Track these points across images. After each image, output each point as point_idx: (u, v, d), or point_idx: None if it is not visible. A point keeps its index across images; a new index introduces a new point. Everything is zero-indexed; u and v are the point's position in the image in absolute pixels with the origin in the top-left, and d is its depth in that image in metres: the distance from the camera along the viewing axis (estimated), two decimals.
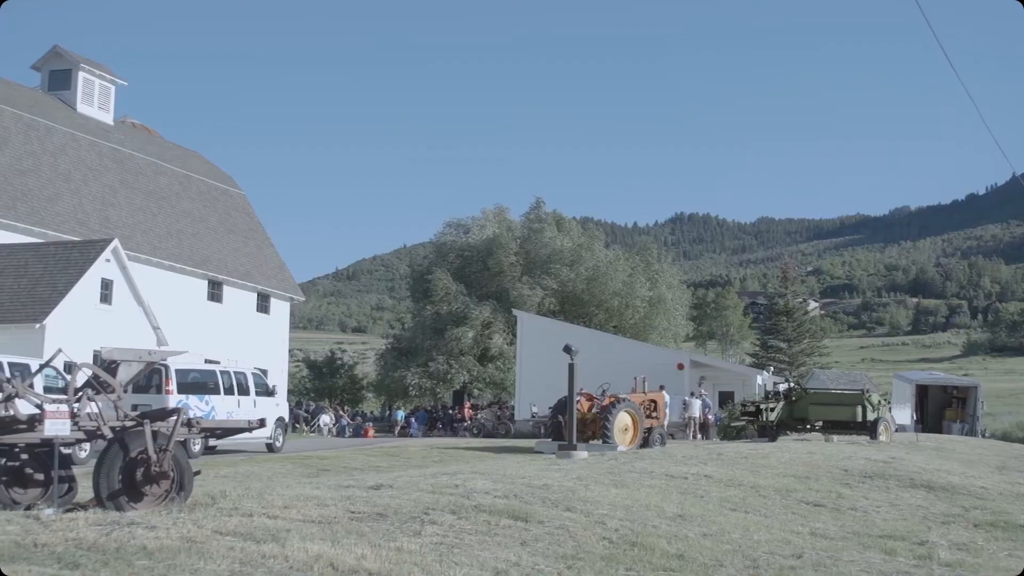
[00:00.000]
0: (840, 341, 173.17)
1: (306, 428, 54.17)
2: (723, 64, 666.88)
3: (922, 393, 54.24)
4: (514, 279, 63.38)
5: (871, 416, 34.06)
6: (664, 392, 36.24)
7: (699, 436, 40.31)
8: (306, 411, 60.01)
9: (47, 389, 21.44)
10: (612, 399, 31.68)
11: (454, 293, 63.23)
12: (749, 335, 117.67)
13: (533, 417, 44.73)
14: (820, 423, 35.07)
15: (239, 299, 49.42)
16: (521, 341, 50.80)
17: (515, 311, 55.01)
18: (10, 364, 22.48)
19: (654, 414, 33.27)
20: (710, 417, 42.27)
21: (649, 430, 32.19)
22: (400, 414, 58.03)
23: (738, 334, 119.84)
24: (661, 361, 46.45)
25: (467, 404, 58.17)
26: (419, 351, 64.13)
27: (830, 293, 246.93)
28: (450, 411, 59.26)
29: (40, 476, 11.55)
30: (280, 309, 52.66)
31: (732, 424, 39.36)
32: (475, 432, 49.82)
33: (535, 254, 65.25)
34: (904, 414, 48.57)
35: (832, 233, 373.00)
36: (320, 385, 76.27)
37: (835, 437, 33.92)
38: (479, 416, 53.08)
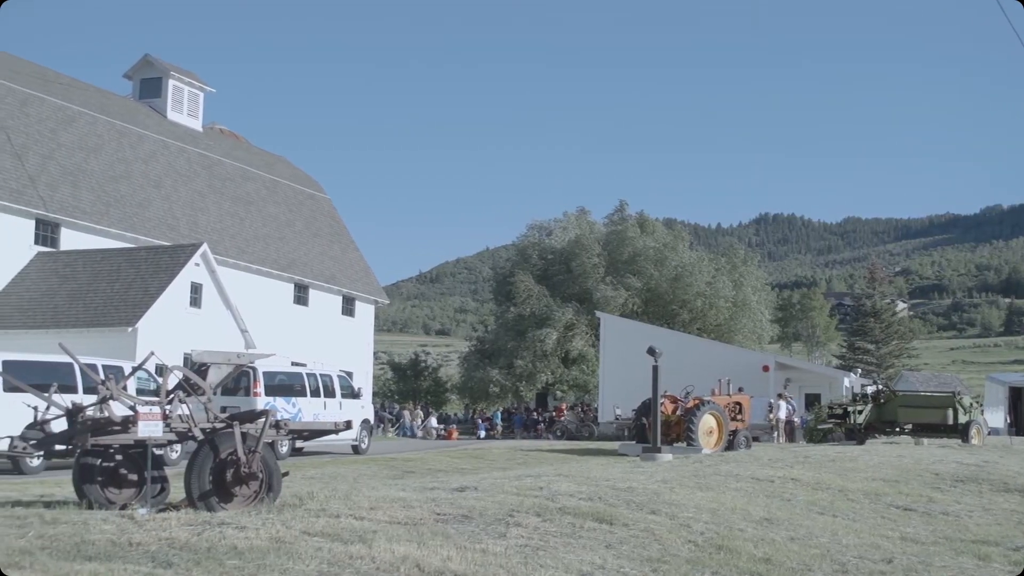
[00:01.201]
0: (930, 343, 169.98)
1: (392, 430, 54.57)
2: (806, 63, 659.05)
3: (1016, 395, 53.02)
4: (597, 280, 63.23)
5: (962, 419, 33.41)
6: (746, 394, 35.90)
7: (784, 439, 39.85)
8: (391, 413, 60.45)
9: (139, 391, 21.88)
10: (696, 401, 31.47)
11: (536, 295, 63.26)
12: (835, 336, 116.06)
13: (617, 419, 44.59)
14: (910, 426, 34.49)
15: (325, 302, 49.97)
16: (604, 343, 50.66)
17: (598, 313, 54.88)
18: (104, 367, 22.92)
19: (739, 416, 32.99)
20: (796, 420, 41.78)
21: (734, 432, 31.93)
22: (498, 416, 57.86)
23: (824, 336, 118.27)
24: (746, 363, 46.00)
25: (564, 405, 57.97)
26: (502, 352, 64.26)
27: (919, 294, 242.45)
28: (533, 413, 59.28)
29: (134, 476, 11.79)
30: (365, 312, 53.14)
31: (819, 427, 38.84)
32: (558, 434, 49.79)
33: (618, 255, 65.01)
34: (997, 417, 47.58)
35: (921, 232, 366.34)
36: (404, 387, 76.73)
37: (925, 440, 33.34)
38: (562, 418, 53.06)
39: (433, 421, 55.91)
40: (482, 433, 53.38)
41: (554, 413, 57.36)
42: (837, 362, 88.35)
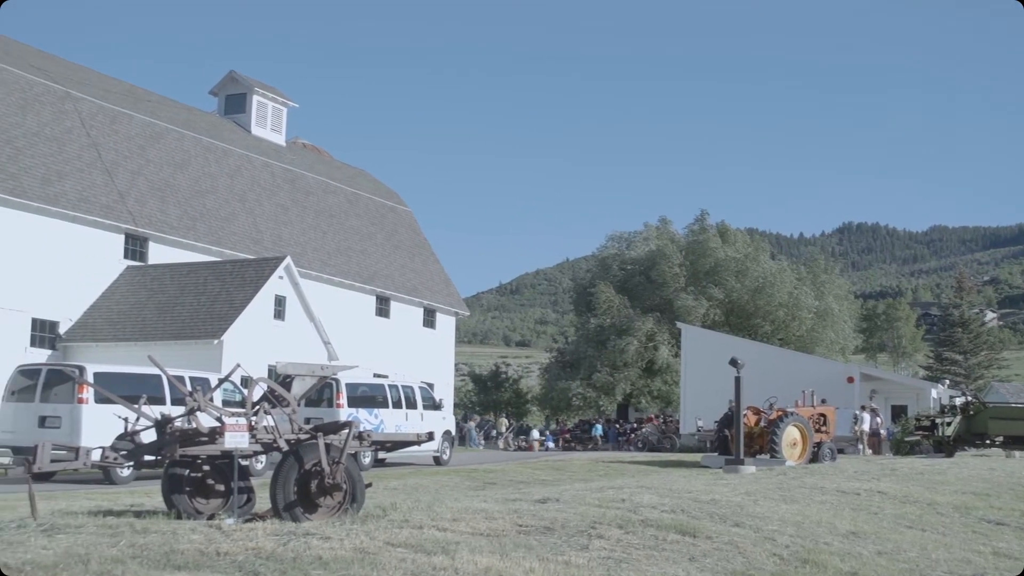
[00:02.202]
0: (1020, 353, 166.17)
1: (483, 441, 54.76)
2: (891, 72, 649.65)
3: None
4: (678, 290, 62.90)
5: None
6: (831, 406, 35.43)
7: (870, 451, 39.24)
8: (478, 427, 60.69)
9: (225, 403, 22.22)
10: (780, 413, 31.14)
11: (617, 306, 63.08)
12: (922, 347, 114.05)
13: (699, 431, 44.27)
14: (1000, 438, 33.77)
15: (406, 314, 50.32)
16: (686, 354, 50.34)
17: (679, 324, 54.57)
18: (191, 379, 23.34)
19: (824, 428, 32.57)
20: (882, 432, 41.13)
21: (819, 445, 31.54)
22: (598, 428, 57.37)
23: (910, 346, 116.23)
24: (830, 374, 45.43)
25: (653, 415, 57.52)
26: (582, 363, 64.14)
27: (1009, 303, 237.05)
28: (615, 424, 59.07)
29: (220, 487, 11.95)
30: (446, 324, 53.41)
31: (906, 439, 38.22)
32: (639, 446, 49.55)
33: (699, 265, 64.62)
34: None
35: (1010, 241, 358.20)
36: (485, 399, 76.90)
37: (1017, 453, 32.61)
38: (643, 429, 52.79)
39: (536, 433, 55.80)
40: (550, 444, 53.31)
41: (639, 424, 57.03)
42: (924, 373, 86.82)
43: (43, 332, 35.38)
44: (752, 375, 30.24)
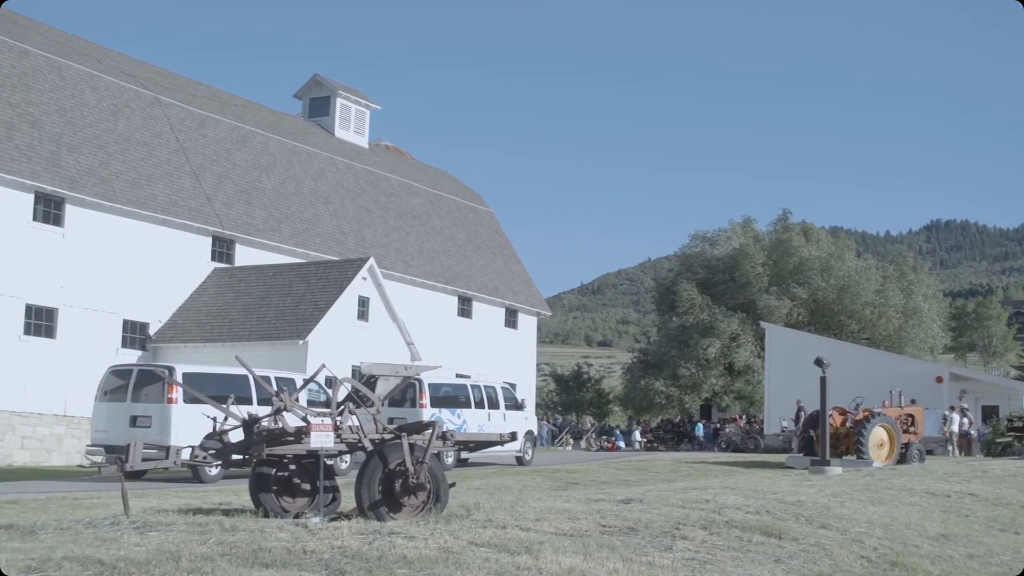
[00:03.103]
0: None
1: (572, 441, 54.73)
2: (977, 64, 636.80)
3: None
4: (761, 290, 62.24)
5: None
6: (919, 406, 34.85)
7: (960, 452, 38.51)
8: (554, 425, 60.64)
9: (310, 403, 22.46)
10: (866, 413, 30.71)
11: (700, 305, 62.62)
12: (1014, 347, 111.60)
13: (783, 431, 43.80)
14: None
15: (488, 314, 50.48)
16: (769, 354, 49.83)
17: (763, 323, 54.02)
18: (277, 379, 23.60)
19: (911, 429, 32.06)
20: (972, 433, 40.34)
21: (906, 446, 31.05)
22: (700, 427, 56.67)
23: (1002, 345, 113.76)
24: (918, 374, 44.67)
25: (739, 416, 56.92)
26: (665, 363, 63.77)
27: None
28: (698, 424, 58.63)
29: (306, 486, 12.10)
30: (527, 324, 53.48)
31: (997, 440, 37.44)
32: (723, 446, 49.16)
33: (783, 264, 63.88)
34: None
35: None
36: (567, 399, 76.78)
37: None
38: (727, 430, 52.37)
39: (637, 435, 55.49)
40: (622, 444, 53.08)
41: (722, 424, 56.51)
42: (1016, 373, 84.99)
43: (134, 333, 36.12)
44: (838, 375, 29.86)
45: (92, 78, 37.69)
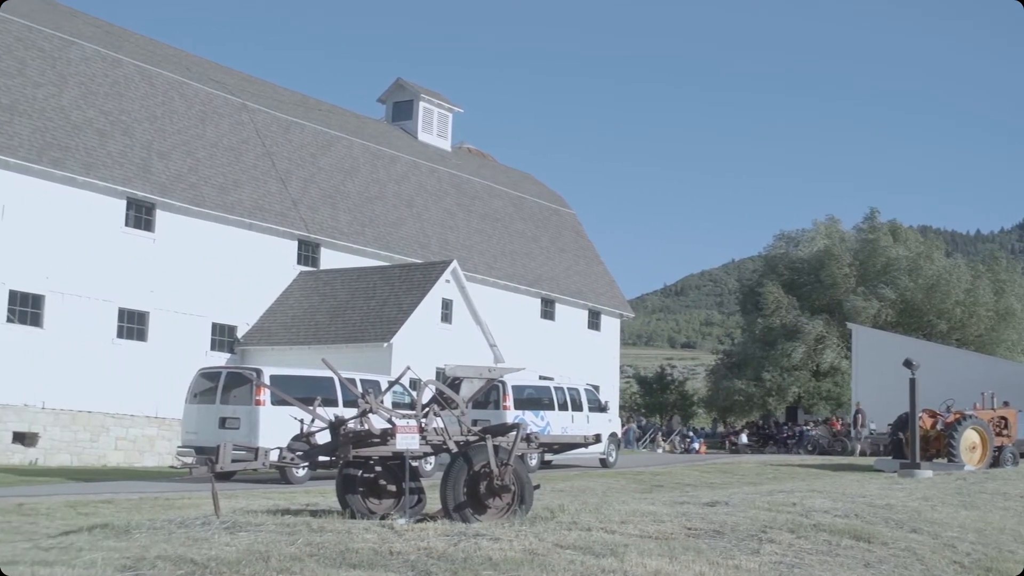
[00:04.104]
0: None
1: (663, 443, 54.48)
2: None
3: None
4: (848, 291, 61.39)
5: None
6: (1013, 408, 34.10)
7: None
8: (638, 427, 60.39)
9: (394, 405, 22.64)
10: (958, 415, 30.16)
11: (785, 307, 61.97)
12: None
13: (871, 434, 43.16)
14: None
15: (571, 316, 50.45)
16: (856, 355, 49.09)
17: (850, 325, 53.25)
18: (362, 381, 23.83)
19: (1004, 432, 31.44)
20: None
21: (999, 448, 30.46)
22: (807, 431, 55.50)
23: None
24: (1011, 375, 43.67)
25: (836, 420, 56.03)
26: (749, 365, 63.24)
27: None
28: (783, 427, 58.01)
29: (392, 487, 12.19)
30: (610, 326, 53.35)
31: None
32: (809, 449, 48.59)
33: (869, 264, 62.93)
34: None
35: None
36: (651, 401, 76.50)
37: None
38: (813, 433, 51.70)
39: (744, 437, 54.94)
40: (696, 446, 52.64)
41: (812, 426, 55.72)
42: None
43: (222, 336, 36.74)
44: (927, 377, 29.31)
45: (181, 85, 38.42)
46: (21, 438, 31.05)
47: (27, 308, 31.48)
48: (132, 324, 34.11)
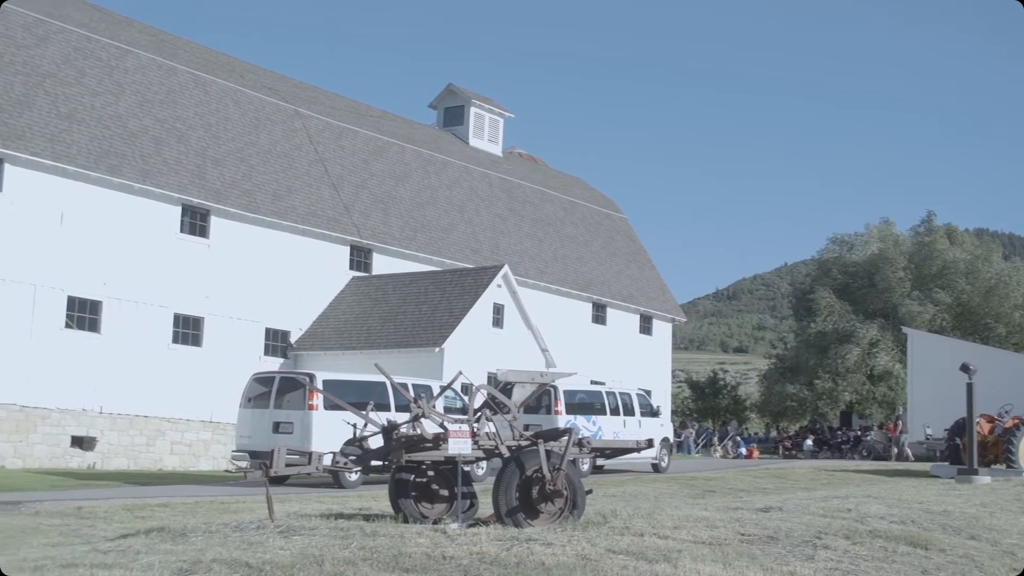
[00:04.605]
0: None
1: (718, 448, 54.18)
2: None
3: None
4: (902, 295, 60.71)
5: None
6: None
7: None
8: (695, 432, 60.09)
9: (446, 409, 22.67)
10: (1016, 421, 29.74)
11: (838, 311, 61.43)
12: None
13: (927, 439, 42.62)
14: None
15: (622, 321, 50.33)
16: (912, 360, 48.47)
17: (905, 329, 52.61)
18: (414, 386, 23.89)
19: None
20: None
21: None
22: (871, 435, 54.54)
23: None
24: None
25: (892, 425, 55.41)
26: (803, 370, 62.73)
27: None
28: (837, 431, 57.47)
29: (444, 492, 12.23)
30: (662, 330, 53.16)
31: None
32: (864, 454, 48.09)
33: (925, 268, 62.19)
34: None
35: None
36: (703, 406, 76.10)
37: None
38: (868, 438, 51.16)
39: (809, 442, 54.49)
40: (743, 451, 52.24)
41: (863, 431, 55.14)
42: None
43: (276, 341, 37.02)
44: (985, 381, 28.95)
45: (235, 93, 38.80)
46: (79, 442, 31.49)
47: (85, 314, 31.92)
48: (187, 329, 34.48)
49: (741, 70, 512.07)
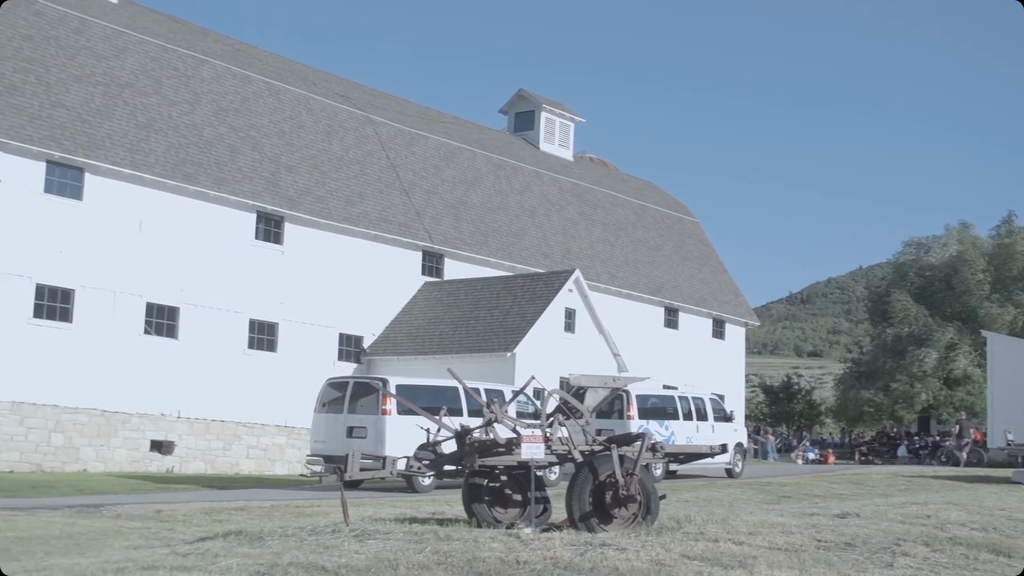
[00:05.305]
0: None
1: (800, 453, 53.71)
2: None
3: None
4: (981, 298, 59.68)
5: None
6: None
7: None
8: (759, 435, 59.57)
9: (518, 414, 22.69)
10: None
11: (915, 315, 60.54)
12: None
13: (1008, 445, 41.81)
14: None
15: (694, 325, 50.04)
16: (992, 363, 47.50)
17: (984, 332, 51.68)
18: (486, 390, 23.94)
19: None
20: None
21: None
22: (903, 448, 53.61)
23: None
24: None
25: (977, 431, 54.46)
26: (879, 374, 61.89)
27: None
28: (915, 436, 56.63)
29: (517, 497, 12.24)
30: (735, 334, 52.76)
31: None
32: (943, 460, 47.31)
33: (1005, 270, 61.04)
34: None
35: None
36: (777, 410, 75.41)
37: None
38: (947, 443, 50.32)
39: (903, 450, 53.80)
40: (811, 455, 51.59)
41: (942, 436, 54.24)
42: None
43: (349, 346, 37.33)
44: None
45: (308, 100, 39.22)
46: (158, 446, 32.01)
47: (163, 320, 32.44)
48: (262, 335, 34.89)
49: (813, 74, 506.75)
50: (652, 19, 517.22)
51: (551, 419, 12.07)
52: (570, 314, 36.52)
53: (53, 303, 30.12)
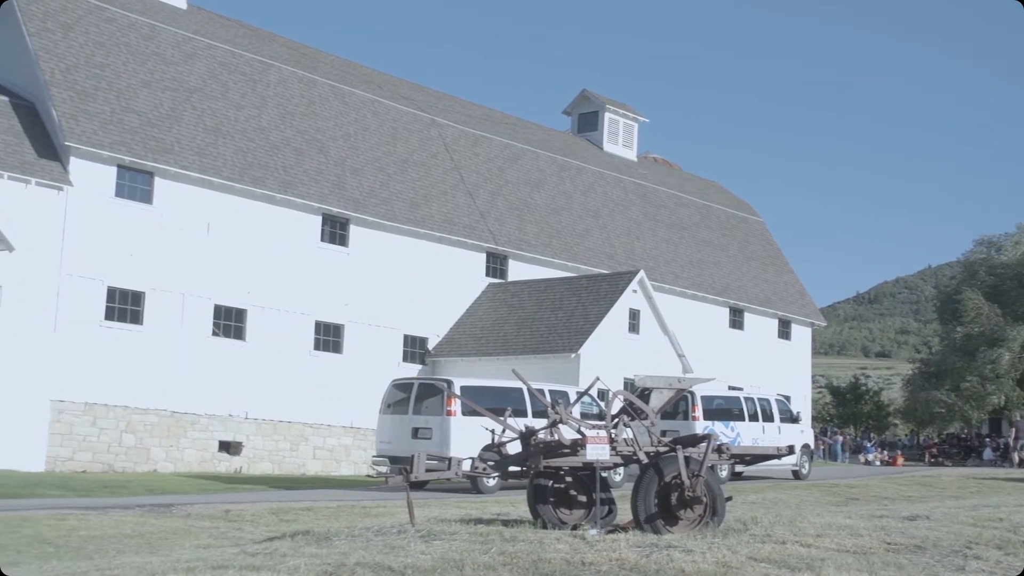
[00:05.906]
0: None
1: (866, 454, 53.14)
2: None
3: None
4: None
5: None
6: None
7: None
8: (828, 437, 58.94)
9: (582, 415, 22.65)
10: None
11: (987, 314, 59.55)
12: None
13: None
14: None
15: (760, 325, 49.64)
16: None
17: None
18: (551, 391, 23.93)
19: None
20: None
21: None
22: (988, 452, 52.54)
23: None
24: None
25: None
26: (948, 374, 60.95)
27: None
28: (987, 438, 55.71)
29: (582, 498, 12.23)
30: (801, 335, 52.26)
31: None
32: (1017, 462, 46.51)
33: None
34: None
35: None
36: (844, 411, 74.61)
37: None
38: (1020, 445, 49.44)
39: (988, 452, 52.88)
40: (870, 456, 50.89)
41: (992, 439, 53.31)
42: None
43: (414, 348, 37.50)
44: None
45: (373, 103, 39.48)
46: (227, 447, 32.40)
47: (231, 322, 32.83)
48: (328, 336, 35.17)
49: (881, 66, 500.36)
50: (719, 19, 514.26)
51: (616, 420, 12.04)
52: (634, 315, 36.40)
53: (124, 305, 30.60)
